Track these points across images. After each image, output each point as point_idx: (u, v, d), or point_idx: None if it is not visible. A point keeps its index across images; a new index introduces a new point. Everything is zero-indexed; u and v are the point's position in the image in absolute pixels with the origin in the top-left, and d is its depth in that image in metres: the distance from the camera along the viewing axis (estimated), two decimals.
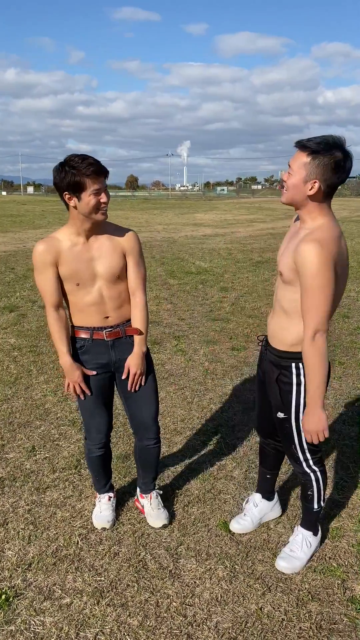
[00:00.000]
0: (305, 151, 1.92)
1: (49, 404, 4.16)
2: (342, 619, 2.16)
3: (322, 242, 1.92)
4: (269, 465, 2.66)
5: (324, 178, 1.92)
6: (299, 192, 1.97)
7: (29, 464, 3.30)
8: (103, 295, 2.38)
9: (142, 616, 2.17)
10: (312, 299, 1.95)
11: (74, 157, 2.17)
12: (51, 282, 2.34)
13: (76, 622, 2.14)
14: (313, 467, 2.35)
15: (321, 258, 1.89)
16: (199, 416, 3.96)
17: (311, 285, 1.93)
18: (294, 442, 2.30)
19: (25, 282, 9.08)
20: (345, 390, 4.43)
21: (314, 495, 2.40)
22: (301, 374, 2.17)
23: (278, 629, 2.11)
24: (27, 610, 2.19)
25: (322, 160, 1.90)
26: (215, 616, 2.17)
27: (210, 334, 6.04)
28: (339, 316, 6.76)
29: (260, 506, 2.70)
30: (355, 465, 3.28)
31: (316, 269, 1.90)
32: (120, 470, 3.21)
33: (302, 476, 2.39)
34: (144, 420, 2.62)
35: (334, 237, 1.97)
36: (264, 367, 2.36)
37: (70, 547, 2.56)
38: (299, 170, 1.95)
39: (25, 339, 5.84)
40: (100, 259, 2.34)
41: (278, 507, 2.77)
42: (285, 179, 2.01)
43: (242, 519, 2.68)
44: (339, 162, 1.90)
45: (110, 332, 2.44)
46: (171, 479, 3.15)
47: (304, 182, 1.95)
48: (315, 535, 2.50)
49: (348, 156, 1.92)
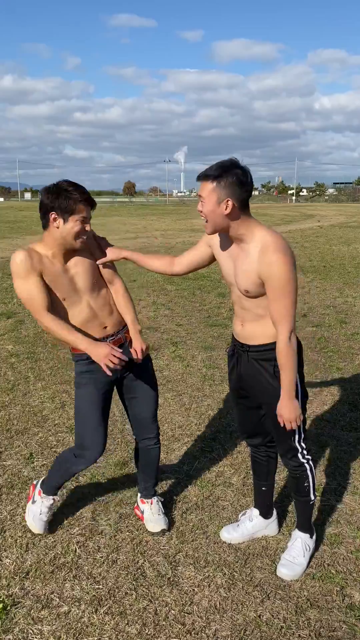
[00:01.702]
0: (209, 179, 2.06)
1: (46, 411, 4.15)
2: (341, 626, 2.15)
3: (283, 250, 2.06)
4: (263, 476, 2.65)
5: (234, 195, 2.05)
6: (218, 216, 2.09)
7: (27, 471, 3.29)
8: (93, 307, 2.39)
9: (140, 624, 2.16)
10: (284, 304, 2.10)
11: (67, 182, 2.23)
12: (38, 286, 2.23)
13: (74, 630, 2.13)
14: (307, 456, 2.41)
15: (288, 265, 2.06)
16: (197, 422, 3.96)
17: (282, 292, 2.08)
18: (295, 433, 2.34)
19: None
20: (343, 395, 4.43)
21: (309, 486, 2.44)
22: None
23: (277, 637, 2.10)
24: (25, 619, 2.18)
25: (226, 181, 2.04)
26: (214, 624, 2.16)
27: (208, 339, 6.05)
28: (336, 321, 6.78)
29: (255, 522, 2.68)
30: (353, 471, 3.28)
31: (287, 277, 2.06)
32: (118, 478, 3.20)
33: (297, 469, 2.41)
34: (145, 419, 2.64)
35: (285, 241, 2.12)
36: (244, 371, 2.38)
37: (68, 554, 2.55)
38: (209, 197, 2.07)
39: (23, 345, 5.83)
40: (78, 274, 2.35)
41: (275, 525, 2.72)
42: (201, 208, 2.12)
43: (233, 530, 2.67)
44: (240, 177, 2.03)
45: (114, 340, 2.45)
46: (169, 485, 3.14)
47: (218, 204, 2.06)
48: (311, 537, 2.52)
49: (246, 172, 2.07)
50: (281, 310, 2.11)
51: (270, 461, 2.63)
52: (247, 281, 2.15)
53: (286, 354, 2.15)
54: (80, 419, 2.51)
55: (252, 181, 2.11)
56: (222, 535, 2.66)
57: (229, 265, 2.26)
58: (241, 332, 2.35)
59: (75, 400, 2.53)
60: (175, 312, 7.36)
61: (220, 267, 2.33)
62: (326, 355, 5.46)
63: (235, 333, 2.42)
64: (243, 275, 2.16)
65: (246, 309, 2.26)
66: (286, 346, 2.14)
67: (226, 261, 2.27)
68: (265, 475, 2.65)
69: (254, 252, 2.11)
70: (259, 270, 2.09)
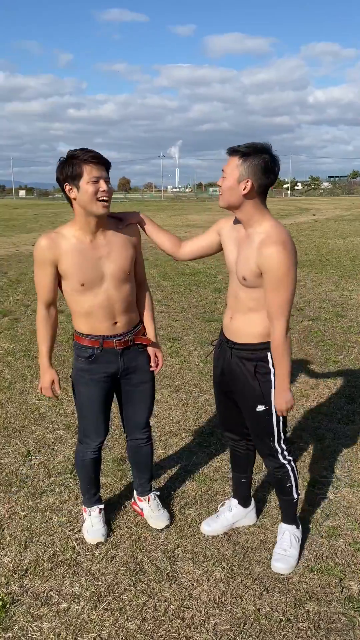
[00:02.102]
0: (237, 155, 2.05)
1: (43, 409, 4.15)
2: (340, 618, 2.16)
3: (284, 243, 2.05)
4: (242, 469, 2.65)
5: (256, 178, 2.04)
6: (234, 193, 2.08)
7: (25, 469, 3.29)
8: (111, 297, 2.31)
9: (140, 620, 2.16)
10: (281, 297, 2.08)
11: (74, 149, 2.18)
12: (47, 280, 2.29)
13: (74, 627, 2.13)
14: (288, 457, 2.41)
15: (288, 259, 2.04)
16: (195, 418, 3.96)
17: (279, 285, 2.06)
18: (273, 433, 2.34)
19: (18, 286, 9.05)
20: (340, 388, 4.44)
21: (292, 486, 2.45)
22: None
23: (276, 630, 2.11)
24: (24, 617, 2.18)
25: (252, 162, 2.03)
26: (214, 618, 2.17)
27: (205, 335, 6.04)
28: (332, 315, 6.78)
29: (235, 511, 2.69)
30: (350, 464, 3.29)
31: (285, 270, 2.04)
32: (116, 474, 3.21)
33: (278, 470, 2.42)
34: (138, 424, 2.63)
35: (290, 237, 2.10)
36: (228, 367, 2.37)
37: (67, 552, 2.55)
38: (232, 173, 2.06)
39: (19, 343, 5.82)
40: (109, 258, 2.28)
41: (253, 514, 2.74)
42: (220, 183, 2.13)
43: (213, 522, 2.69)
44: (268, 163, 2.04)
45: (120, 342, 2.40)
46: (167, 481, 3.14)
47: (237, 182, 2.06)
48: (298, 528, 2.55)
49: (275, 160, 2.07)
50: (278, 303, 2.10)
51: (250, 454, 2.63)
52: (245, 267, 2.13)
53: (283, 349, 2.15)
54: (81, 412, 2.53)
55: (279, 171, 2.09)
56: (202, 529, 2.68)
57: (232, 252, 2.25)
58: (229, 325, 2.34)
59: (76, 396, 2.52)
60: (171, 308, 7.36)
61: (225, 254, 2.31)
62: (322, 349, 5.47)
63: (224, 325, 2.41)
64: (243, 261, 2.15)
65: (239, 299, 2.25)
66: (283, 341, 2.13)
67: (231, 248, 2.26)
68: (244, 468, 2.65)
69: (257, 240, 2.10)
70: (258, 261, 2.07)
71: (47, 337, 2.41)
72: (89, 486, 2.66)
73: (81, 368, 2.43)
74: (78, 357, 2.44)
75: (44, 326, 2.39)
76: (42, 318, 2.38)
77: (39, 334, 2.41)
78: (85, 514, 2.69)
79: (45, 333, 2.40)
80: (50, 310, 2.39)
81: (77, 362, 2.45)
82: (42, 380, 2.45)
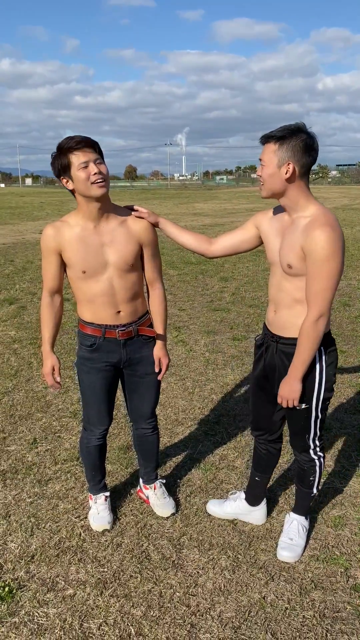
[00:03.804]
0: (272, 140, 2.00)
1: (49, 396, 4.15)
2: (345, 607, 2.16)
3: (333, 226, 1.96)
4: (261, 468, 2.62)
5: (296, 159, 1.98)
6: (277, 180, 2.02)
7: (31, 456, 3.30)
8: (114, 285, 2.30)
9: (145, 606, 2.17)
10: (321, 283, 1.99)
11: (62, 140, 2.15)
12: (52, 268, 2.32)
13: (80, 613, 2.15)
14: (319, 453, 2.38)
15: (334, 243, 1.94)
16: (201, 406, 3.96)
17: (321, 270, 1.97)
18: (310, 431, 2.31)
19: (24, 274, 9.05)
20: (347, 378, 4.42)
21: (315, 481, 2.43)
22: (323, 359, 2.19)
23: (281, 618, 2.11)
24: (30, 602, 2.20)
25: (290, 144, 1.97)
26: (219, 606, 2.17)
27: (211, 324, 6.03)
28: (339, 304, 6.74)
29: (238, 504, 2.67)
30: (357, 454, 3.27)
31: (328, 254, 1.95)
32: (122, 462, 3.21)
33: (307, 463, 2.40)
34: (144, 414, 2.63)
35: (337, 222, 2.02)
36: (270, 362, 2.32)
37: (73, 538, 2.56)
38: (270, 159, 2.01)
39: (26, 331, 5.83)
40: (112, 246, 2.26)
41: (260, 515, 2.66)
42: (260, 173, 2.06)
43: (217, 505, 2.71)
44: (307, 141, 1.98)
45: (123, 332, 2.38)
46: (173, 469, 3.15)
47: (278, 168, 2.00)
48: (307, 519, 2.54)
49: (313, 137, 2.00)
50: (316, 288, 1.99)
51: (270, 457, 2.58)
52: (291, 254, 2.05)
53: (307, 334, 2.06)
54: (85, 400, 2.54)
55: (318, 148, 2.01)
56: (207, 507, 2.72)
57: (275, 242, 2.17)
58: (273, 320, 2.26)
59: (79, 383, 2.52)
60: (177, 297, 7.33)
61: (266, 247, 2.24)
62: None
63: (267, 321, 2.34)
64: (288, 248, 2.07)
65: (284, 291, 2.16)
66: (311, 327, 2.04)
67: (274, 238, 2.18)
68: (262, 468, 2.62)
69: (303, 223, 2.02)
70: (304, 243, 1.98)
71: (51, 324, 2.41)
72: (93, 473, 2.67)
73: (83, 356, 2.44)
74: (81, 345, 2.45)
75: (47, 313, 2.40)
76: (46, 305, 2.40)
77: (42, 320, 2.42)
78: (91, 501, 2.70)
79: (48, 320, 2.40)
80: (55, 298, 2.39)
81: (80, 350, 2.46)
82: (44, 366, 2.45)
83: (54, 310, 2.41)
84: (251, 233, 2.31)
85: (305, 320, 2.06)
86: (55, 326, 2.43)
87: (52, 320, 2.41)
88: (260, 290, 7.67)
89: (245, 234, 2.32)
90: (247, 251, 2.39)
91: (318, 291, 2.00)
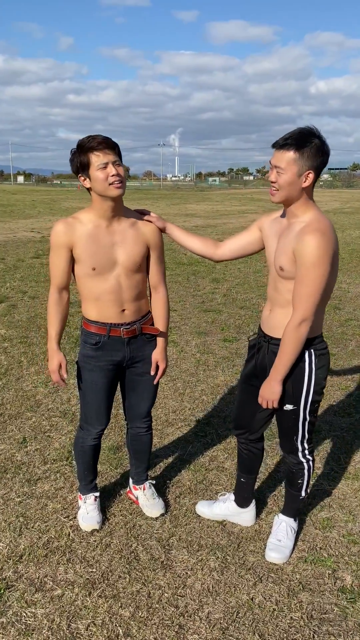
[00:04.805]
0: (290, 149, 1.99)
1: (39, 395, 4.14)
2: (332, 609, 2.17)
3: (324, 232, 1.99)
4: (246, 469, 2.63)
5: (314, 166, 2.01)
6: (296, 188, 2.04)
7: (20, 455, 3.29)
8: (121, 283, 2.33)
9: (133, 607, 2.17)
10: (306, 287, 2.01)
11: (83, 138, 2.17)
12: (61, 264, 2.31)
13: (68, 613, 2.14)
14: (307, 456, 2.39)
15: (322, 249, 1.97)
16: (191, 407, 3.96)
17: (307, 274, 1.99)
18: (297, 433, 2.32)
19: (15, 272, 9.01)
20: (336, 381, 4.44)
21: (303, 484, 2.44)
22: (313, 362, 2.20)
23: (269, 619, 2.12)
24: (18, 602, 2.19)
25: (310, 152, 1.99)
26: (207, 607, 2.18)
27: (202, 325, 6.04)
28: (330, 307, 6.78)
29: (228, 506, 2.68)
30: (345, 456, 3.30)
31: (316, 259, 1.97)
32: (111, 462, 3.21)
33: (295, 466, 2.41)
34: (140, 412, 2.63)
35: (331, 227, 2.06)
36: (262, 362, 2.33)
37: (62, 538, 2.55)
38: (290, 167, 2.00)
39: (16, 330, 5.80)
40: (122, 246, 2.30)
41: (249, 516, 2.67)
42: (274, 179, 2.05)
43: (206, 506, 2.71)
44: (322, 148, 2.01)
45: (128, 330, 2.40)
46: (163, 470, 3.15)
47: (298, 176, 2.01)
48: (295, 521, 2.55)
49: (324, 141, 2.03)
50: (301, 292, 2.02)
51: (252, 457, 2.60)
52: (283, 256, 2.09)
53: (289, 337, 2.09)
54: (85, 399, 2.52)
55: (329, 150, 2.04)
56: (196, 508, 2.72)
57: (272, 244, 2.21)
58: (267, 319, 2.29)
59: (80, 382, 2.51)
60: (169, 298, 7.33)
61: (266, 250, 2.28)
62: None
63: (262, 320, 2.36)
64: (281, 251, 2.11)
65: (278, 291, 2.19)
66: (293, 330, 2.07)
67: (271, 240, 2.22)
68: (247, 469, 2.63)
69: (298, 228, 2.06)
70: (295, 246, 2.02)
71: (57, 321, 2.40)
72: (86, 473, 2.66)
73: (87, 354, 2.43)
74: (85, 344, 2.44)
75: (55, 310, 2.39)
76: (54, 301, 2.38)
77: (49, 317, 2.40)
78: (81, 501, 2.69)
79: (55, 317, 2.39)
80: (63, 295, 2.39)
81: (84, 348, 2.45)
82: (50, 363, 2.43)
83: (61, 307, 2.40)
84: (256, 235, 2.34)
85: (289, 323, 2.09)
86: (62, 323, 2.42)
87: (59, 317, 2.40)
88: (252, 292, 7.69)
89: (250, 237, 2.35)
90: (253, 254, 2.41)
91: (303, 295, 2.03)
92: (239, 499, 2.66)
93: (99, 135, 2.17)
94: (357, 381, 4.46)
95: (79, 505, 2.71)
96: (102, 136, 2.16)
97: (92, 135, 2.16)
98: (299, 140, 1.97)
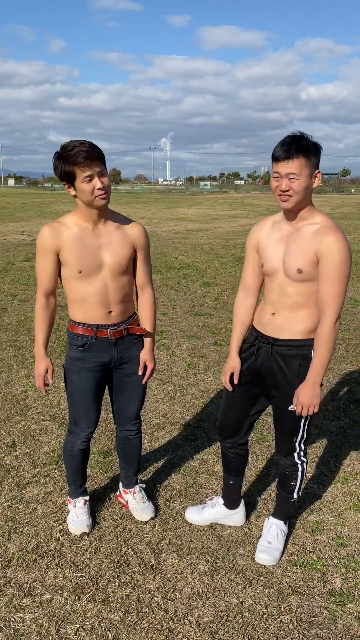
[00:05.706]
0: (299, 155, 2.02)
1: (29, 399, 4.12)
2: (322, 612, 2.18)
3: (342, 232, 2.07)
4: (232, 471, 2.63)
5: (317, 164, 2.09)
6: (309, 190, 2.09)
7: (9, 459, 3.27)
8: (107, 285, 2.34)
9: (123, 611, 2.16)
10: (336, 286, 2.06)
11: (67, 144, 2.14)
12: (48, 268, 2.32)
13: (57, 618, 2.13)
14: (303, 458, 2.41)
15: (347, 248, 2.05)
16: (181, 411, 3.96)
17: (336, 273, 2.05)
18: (299, 433, 2.33)
19: (5, 275, 8.96)
20: (325, 385, 4.47)
21: (296, 486, 2.45)
22: None
23: (259, 623, 2.12)
24: (6, 607, 2.17)
25: (312, 153, 2.05)
26: (197, 610, 2.17)
27: (193, 329, 6.04)
28: None
29: (217, 510, 2.68)
30: (335, 460, 3.31)
31: (344, 258, 2.04)
32: (101, 466, 3.20)
33: (290, 468, 2.42)
34: (129, 415, 2.62)
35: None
36: (262, 364, 2.32)
37: (51, 543, 2.54)
38: (304, 172, 2.05)
39: (5, 333, 5.77)
40: (108, 248, 2.31)
41: (239, 517, 2.68)
42: (287, 187, 2.05)
43: (195, 512, 2.70)
44: (316, 146, 2.07)
45: (115, 331, 2.40)
46: (153, 473, 3.14)
47: (311, 179, 2.07)
48: (286, 524, 2.56)
49: (315, 142, 2.09)
50: (331, 292, 2.06)
51: (239, 459, 2.60)
52: (302, 259, 2.10)
53: (328, 337, 2.10)
54: (73, 401, 2.51)
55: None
56: (185, 515, 2.71)
57: (277, 250, 2.19)
58: (270, 322, 2.27)
59: (67, 384, 2.50)
60: (160, 301, 7.34)
61: (265, 257, 2.25)
62: None
63: (260, 324, 2.34)
64: (298, 254, 2.11)
65: (287, 295, 2.19)
66: (331, 330, 2.09)
67: (275, 247, 2.21)
68: (234, 471, 2.63)
69: (312, 230, 2.10)
70: (317, 247, 2.06)
71: (45, 326, 2.41)
72: (75, 477, 2.65)
73: (74, 356, 2.43)
74: (71, 346, 2.44)
75: (42, 314, 2.39)
76: (41, 306, 2.39)
77: (36, 322, 2.41)
78: (70, 505, 2.68)
79: (42, 321, 2.40)
80: (50, 299, 2.39)
81: (71, 350, 2.45)
82: (36, 368, 2.44)
83: (49, 312, 2.41)
84: (258, 257, 2.34)
85: (324, 325, 2.10)
86: (49, 327, 2.43)
87: (46, 321, 2.41)
88: None
89: (255, 260, 2.36)
90: None
91: (334, 294, 2.06)
92: (229, 501, 2.66)
93: (83, 145, 2.11)
94: (346, 385, 4.49)
95: (68, 509, 2.70)
96: (86, 147, 2.11)
97: (76, 145, 2.11)
98: (300, 145, 2.02)
